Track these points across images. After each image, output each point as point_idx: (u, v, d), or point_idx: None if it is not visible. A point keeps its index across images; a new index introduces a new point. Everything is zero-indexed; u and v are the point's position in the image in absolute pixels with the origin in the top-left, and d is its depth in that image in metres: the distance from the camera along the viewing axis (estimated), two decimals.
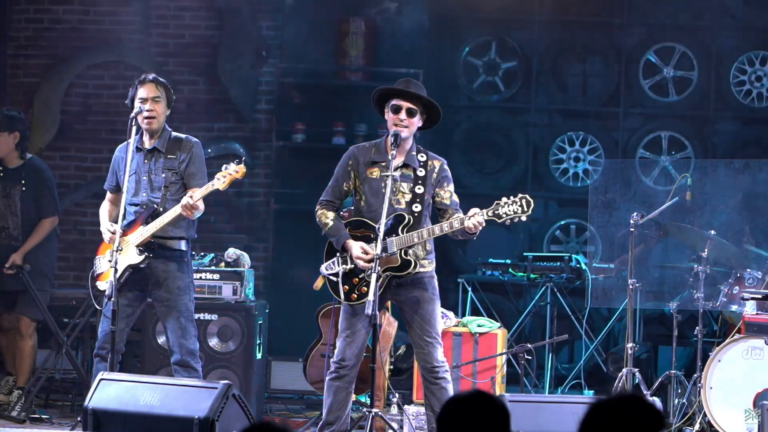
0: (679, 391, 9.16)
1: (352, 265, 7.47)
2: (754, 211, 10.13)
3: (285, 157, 11.32)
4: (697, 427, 8.66)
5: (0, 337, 9.69)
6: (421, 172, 7.50)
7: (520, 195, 7.32)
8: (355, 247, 7.42)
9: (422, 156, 7.54)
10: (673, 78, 11.35)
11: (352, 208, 7.71)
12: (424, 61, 11.18)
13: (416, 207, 7.45)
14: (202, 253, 9.65)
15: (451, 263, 11.23)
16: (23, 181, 9.53)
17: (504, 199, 7.29)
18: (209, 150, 10.85)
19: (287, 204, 11.22)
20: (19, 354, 9.55)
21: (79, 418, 8.26)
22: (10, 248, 9.44)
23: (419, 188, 7.47)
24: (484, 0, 11.35)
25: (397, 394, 9.10)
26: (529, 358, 9.34)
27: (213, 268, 9.51)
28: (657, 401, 8.88)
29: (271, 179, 11.26)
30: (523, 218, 7.31)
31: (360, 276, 7.45)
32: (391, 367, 9.45)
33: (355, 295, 7.45)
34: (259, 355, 9.53)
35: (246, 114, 11.27)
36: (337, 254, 7.52)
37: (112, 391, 6.96)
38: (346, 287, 7.47)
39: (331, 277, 7.52)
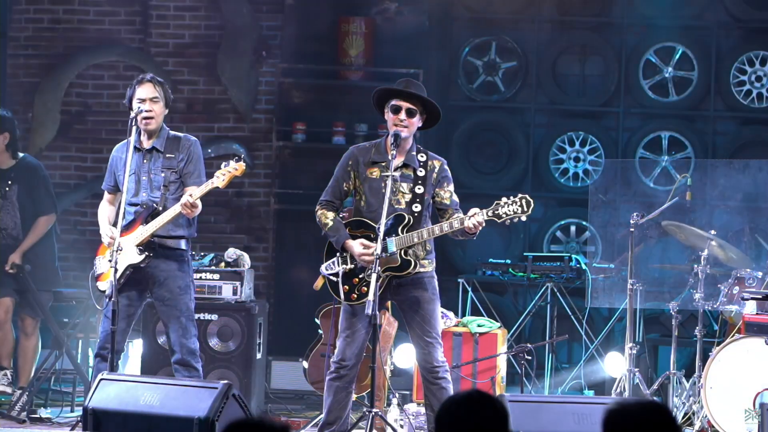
0: (679, 391, 9.16)
1: (352, 265, 7.47)
2: (754, 211, 10.14)
3: (285, 157, 11.32)
4: (697, 427, 8.66)
5: None
6: (421, 172, 7.49)
7: (519, 195, 7.31)
8: (356, 245, 7.41)
9: (422, 156, 7.54)
10: (673, 78, 11.35)
11: (352, 208, 7.71)
12: (424, 61, 11.18)
13: (416, 207, 7.45)
14: (202, 253, 9.65)
15: (451, 263, 11.22)
16: (18, 181, 9.52)
17: (504, 199, 7.29)
18: (209, 150, 10.86)
19: (287, 204, 11.22)
20: (22, 353, 9.55)
21: (79, 418, 8.25)
22: (10, 248, 9.45)
23: (419, 188, 7.47)
24: (484, 0, 11.36)
25: (397, 394, 9.10)
26: (529, 358, 9.34)
27: (213, 268, 9.51)
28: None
29: (271, 179, 11.26)
30: (523, 218, 7.31)
31: (360, 276, 7.45)
32: (392, 367, 9.45)
33: (355, 295, 7.45)
34: (259, 355, 9.53)
35: (246, 114, 11.27)
36: (337, 254, 7.52)
37: (112, 391, 6.96)
38: (346, 287, 7.46)
39: (331, 277, 7.52)
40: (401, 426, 8.78)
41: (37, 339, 9.60)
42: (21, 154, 9.62)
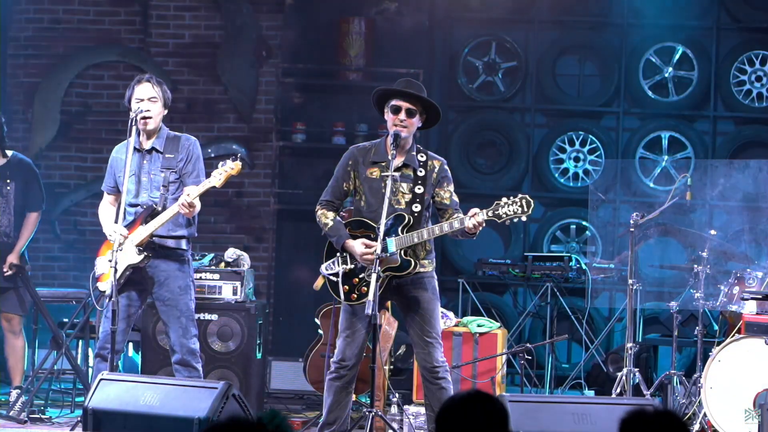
0: (679, 391, 9.15)
1: (352, 265, 7.46)
2: (754, 211, 10.14)
3: (285, 157, 11.33)
4: (697, 427, 8.66)
5: None
6: (421, 172, 7.49)
7: (520, 195, 7.31)
8: (357, 245, 7.41)
9: (422, 156, 7.54)
10: (673, 78, 11.35)
11: (352, 208, 7.71)
12: (424, 61, 11.18)
13: (416, 207, 7.44)
14: (203, 253, 9.65)
15: (451, 263, 11.23)
16: (15, 178, 9.47)
17: (504, 199, 7.28)
18: (209, 150, 10.86)
19: (287, 204, 11.23)
20: (13, 353, 9.51)
21: (79, 418, 8.25)
22: (3, 245, 9.38)
23: (419, 188, 7.47)
24: (484, 0, 11.36)
25: (397, 394, 9.10)
26: (529, 358, 9.34)
27: (213, 268, 9.51)
28: (657, 401, 8.90)
29: (271, 179, 11.26)
30: (523, 218, 7.31)
31: (360, 276, 7.44)
32: (392, 367, 9.45)
33: (355, 295, 7.45)
34: (259, 355, 9.53)
35: (246, 114, 11.27)
36: (337, 254, 7.51)
37: (112, 391, 6.96)
38: (346, 287, 7.46)
39: (331, 277, 7.52)
40: (401, 426, 8.78)
41: (24, 337, 9.55)
42: (9, 152, 9.53)
